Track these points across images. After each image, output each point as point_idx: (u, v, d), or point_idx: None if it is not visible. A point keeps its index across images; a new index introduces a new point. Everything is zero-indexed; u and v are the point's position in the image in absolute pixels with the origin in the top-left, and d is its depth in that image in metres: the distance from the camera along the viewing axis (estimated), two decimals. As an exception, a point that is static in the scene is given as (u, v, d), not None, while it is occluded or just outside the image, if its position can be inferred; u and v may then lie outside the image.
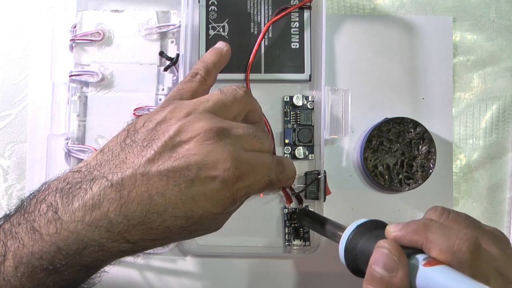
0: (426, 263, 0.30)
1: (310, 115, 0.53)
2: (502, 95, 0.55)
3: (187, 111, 0.37)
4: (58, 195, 0.33)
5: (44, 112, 0.55)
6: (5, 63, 0.56)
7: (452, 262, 0.29)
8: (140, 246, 0.35)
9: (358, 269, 0.35)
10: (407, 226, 0.32)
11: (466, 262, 0.29)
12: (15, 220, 0.33)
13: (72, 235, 0.32)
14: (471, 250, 0.29)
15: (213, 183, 0.35)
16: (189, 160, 0.34)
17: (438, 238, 0.30)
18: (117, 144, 0.36)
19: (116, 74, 0.53)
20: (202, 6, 0.53)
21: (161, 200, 0.34)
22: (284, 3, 0.53)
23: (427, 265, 0.29)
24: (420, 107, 0.55)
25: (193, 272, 0.54)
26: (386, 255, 0.30)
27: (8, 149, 0.56)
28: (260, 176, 0.38)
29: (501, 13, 0.56)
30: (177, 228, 0.35)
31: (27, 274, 0.32)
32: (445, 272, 0.28)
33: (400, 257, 0.30)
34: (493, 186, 0.55)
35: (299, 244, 0.53)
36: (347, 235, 0.37)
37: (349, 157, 0.55)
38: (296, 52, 0.53)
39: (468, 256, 0.29)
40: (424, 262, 0.30)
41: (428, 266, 0.29)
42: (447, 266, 0.29)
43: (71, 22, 0.54)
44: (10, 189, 0.55)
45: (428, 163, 0.52)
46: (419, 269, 0.30)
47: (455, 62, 0.55)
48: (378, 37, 0.55)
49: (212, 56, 0.46)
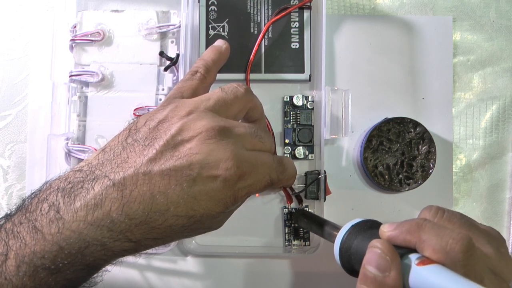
0: (419, 262, 0.30)
1: (310, 115, 0.53)
2: (502, 95, 0.55)
3: (188, 110, 0.37)
4: (60, 194, 0.33)
5: (44, 112, 0.55)
6: (5, 63, 0.56)
7: (445, 262, 0.29)
8: (142, 245, 0.35)
9: (353, 269, 0.35)
10: (400, 226, 0.32)
11: (459, 261, 0.29)
12: (17, 220, 0.33)
13: (74, 235, 0.32)
14: (464, 250, 0.29)
15: (215, 182, 0.35)
16: (191, 159, 0.34)
17: (431, 238, 0.30)
18: (119, 143, 0.36)
19: (116, 74, 0.53)
20: (202, 6, 0.53)
21: (163, 200, 0.34)
22: (284, 3, 0.53)
23: (420, 264, 0.29)
24: (420, 107, 0.55)
25: (194, 272, 0.54)
26: (378, 255, 0.31)
27: (8, 149, 0.56)
28: (261, 176, 0.38)
29: (501, 13, 0.56)
30: (179, 227, 0.35)
31: (29, 274, 0.32)
32: (438, 271, 0.28)
33: (393, 257, 0.30)
34: (493, 186, 0.55)
35: (299, 244, 0.53)
36: (342, 235, 0.37)
37: (349, 157, 0.55)
38: (296, 52, 0.53)
39: (461, 256, 0.29)
40: (417, 261, 0.30)
41: (421, 265, 0.29)
42: (440, 265, 0.29)
43: (71, 22, 0.54)
44: (10, 189, 0.55)
45: (428, 163, 0.52)
46: (412, 269, 0.30)
47: (455, 62, 0.56)
48: (378, 37, 0.55)
49: (212, 54, 0.46)
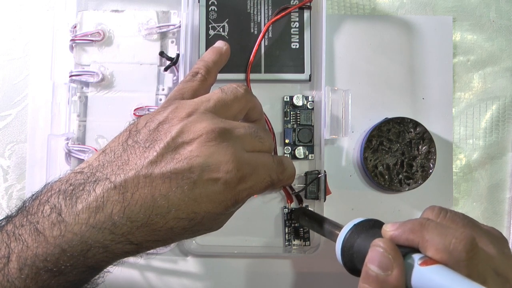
0: (422, 262, 0.29)
1: (310, 115, 0.53)
2: (502, 95, 0.55)
3: (188, 111, 0.37)
4: (61, 196, 0.33)
5: (44, 112, 0.55)
6: (5, 63, 0.56)
7: (448, 262, 0.29)
8: (144, 247, 0.35)
9: (355, 268, 0.35)
10: (403, 225, 0.32)
11: (463, 261, 0.28)
12: (18, 222, 0.33)
13: (77, 237, 0.32)
14: (467, 249, 0.29)
15: (216, 185, 0.35)
16: (191, 162, 0.34)
17: (434, 238, 0.30)
18: (119, 144, 0.36)
19: (116, 74, 0.53)
20: (202, 6, 0.53)
21: (164, 202, 0.34)
22: (284, 3, 0.53)
23: (423, 264, 0.29)
24: (420, 107, 0.55)
25: (194, 272, 0.54)
26: (381, 253, 0.30)
27: (8, 149, 0.55)
28: (262, 177, 0.38)
29: (501, 13, 0.56)
30: (180, 229, 0.35)
31: (31, 276, 0.32)
32: (441, 271, 0.28)
33: (396, 256, 0.30)
34: (493, 186, 0.55)
35: (299, 244, 0.53)
36: (344, 234, 0.36)
37: (349, 157, 0.55)
38: (296, 52, 0.53)
39: (464, 255, 0.28)
40: (420, 261, 0.30)
41: (424, 266, 0.29)
42: (443, 266, 0.29)
43: (71, 22, 0.54)
44: (10, 189, 0.55)
45: (428, 163, 0.52)
46: (415, 268, 0.30)
47: (455, 62, 0.56)
48: (378, 37, 0.55)
49: (212, 55, 0.46)
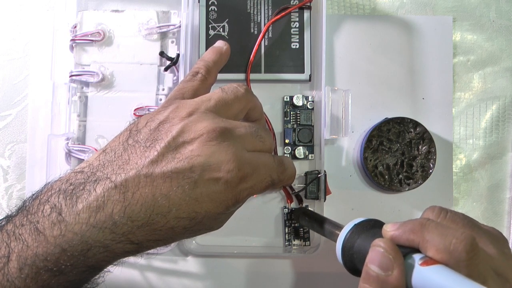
0: (422, 262, 0.29)
1: (310, 115, 0.53)
2: (502, 95, 0.55)
3: (189, 111, 0.37)
4: (62, 196, 0.33)
5: (44, 112, 0.55)
6: (5, 63, 0.56)
7: (448, 262, 0.29)
8: (144, 247, 0.35)
9: (355, 268, 0.35)
10: (404, 225, 0.32)
11: (463, 261, 0.28)
12: (18, 221, 0.33)
13: (77, 237, 0.32)
14: (467, 249, 0.28)
15: (217, 185, 0.35)
16: (192, 161, 0.34)
17: (435, 238, 0.30)
18: (120, 144, 0.36)
19: (117, 74, 0.53)
20: (202, 6, 0.53)
21: (165, 202, 0.34)
22: (284, 3, 0.53)
23: (424, 264, 0.29)
24: (420, 107, 0.55)
25: (194, 272, 0.54)
26: (381, 254, 0.30)
27: (8, 149, 0.55)
28: (262, 177, 0.38)
29: (501, 13, 0.56)
30: (181, 228, 0.35)
31: (32, 276, 0.32)
32: (441, 271, 0.28)
33: (396, 256, 0.30)
34: (493, 186, 0.55)
35: (299, 244, 0.53)
36: (345, 234, 0.36)
37: (349, 157, 0.55)
38: (296, 52, 0.53)
39: (464, 255, 0.28)
40: (421, 261, 0.30)
41: (425, 266, 0.29)
42: (444, 266, 0.29)
43: (71, 22, 0.54)
44: (10, 189, 0.55)
45: (428, 163, 0.52)
46: (415, 269, 0.30)
47: (455, 62, 0.56)
48: (378, 37, 0.55)
49: (212, 55, 0.46)
